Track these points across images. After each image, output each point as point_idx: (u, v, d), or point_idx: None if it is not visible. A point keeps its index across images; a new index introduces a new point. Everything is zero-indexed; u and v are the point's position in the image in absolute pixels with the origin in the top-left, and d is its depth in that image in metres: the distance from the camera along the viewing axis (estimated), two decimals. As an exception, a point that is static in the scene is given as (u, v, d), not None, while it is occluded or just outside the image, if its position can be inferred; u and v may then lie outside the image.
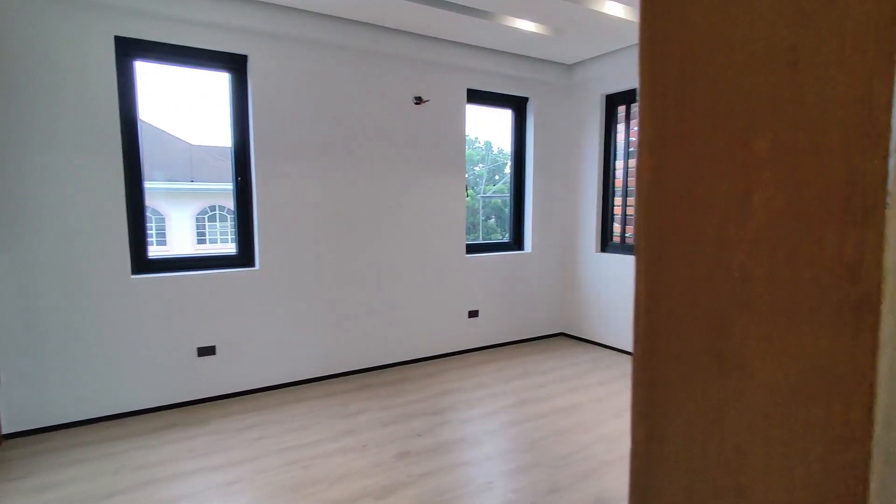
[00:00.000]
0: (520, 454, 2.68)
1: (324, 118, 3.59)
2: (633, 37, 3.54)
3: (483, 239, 5.30)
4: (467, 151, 4.33)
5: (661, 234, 0.57)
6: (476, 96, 4.36)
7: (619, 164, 4.57)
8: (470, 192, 5.29)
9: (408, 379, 3.81)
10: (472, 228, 5.46)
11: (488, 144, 6.14)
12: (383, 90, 3.81)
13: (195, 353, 3.29)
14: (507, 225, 4.93)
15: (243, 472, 2.50)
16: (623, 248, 4.52)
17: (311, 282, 3.64)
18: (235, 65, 3.34)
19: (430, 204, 4.14)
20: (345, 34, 3.52)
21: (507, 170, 5.72)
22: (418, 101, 3.94)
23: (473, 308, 4.46)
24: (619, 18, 3.15)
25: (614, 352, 4.51)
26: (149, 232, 3.27)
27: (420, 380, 3.79)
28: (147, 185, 3.23)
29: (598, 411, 3.22)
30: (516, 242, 4.85)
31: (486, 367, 4.08)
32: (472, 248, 4.54)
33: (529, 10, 3.09)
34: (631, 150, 4.49)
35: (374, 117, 3.79)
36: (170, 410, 3.23)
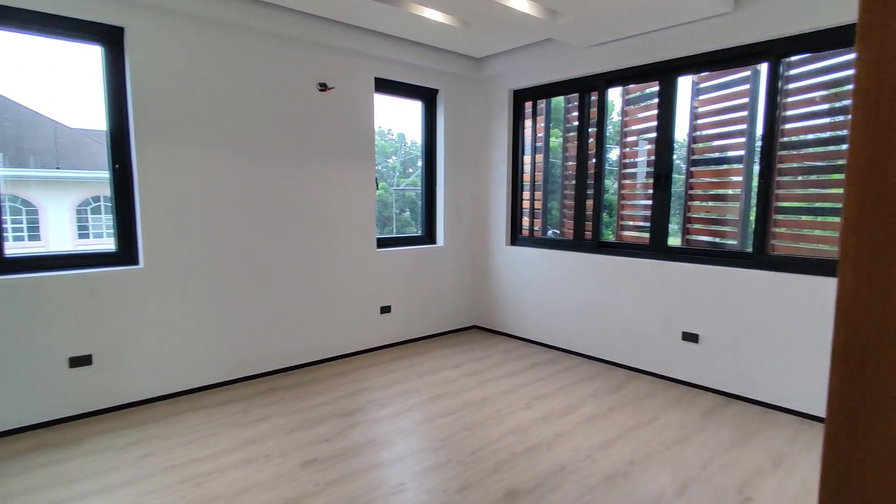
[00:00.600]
0: (431, 452, 2.63)
1: (218, 102, 3.30)
2: (539, 33, 3.59)
3: (397, 232, 5.19)
4: (381, 143, 4.20)
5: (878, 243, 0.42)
6: (385, 86, 4.23)
7: (527, 158, 4.66)
8: (382, 184, 5.16)
9: (317, 380, 3.63)
10: (386, 222, 5.33)
11: (401, 136, 6.02)
12: (285, 75, 3.58)
13: (66, 363, 2.90)
14: (420, 216, 4.86)
15: (125, 496, 2.23)
16: (532, 241, 4.62)
17: (206, 280, 3.35)
18: (110, 38, 2.96)
19: (339, 196, 3.96)
20: (240, 12, 3.24)
21: (420, 162, 5.65)
22: (323, 87, 3.75)
23: (386, 303, 4.35)
24: (524, 13, 3.16)
25: (524, 342, 4.61)
26: (10, 226, 2.83)
27: (330, 380, 3.63)
28: (4, 171, 2.79)
29: (508, 403, 3.26)
30: (429, 236, 4.80)
31: (399, 364, 4.00)
32: (383, 242, 4.42)
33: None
34: (538, 145, 4.59)
35: (275, 103, 3.55)
36: (37, 430, 2.83)
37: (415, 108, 4.67)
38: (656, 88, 3.70)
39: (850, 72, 2.87)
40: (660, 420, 3.02)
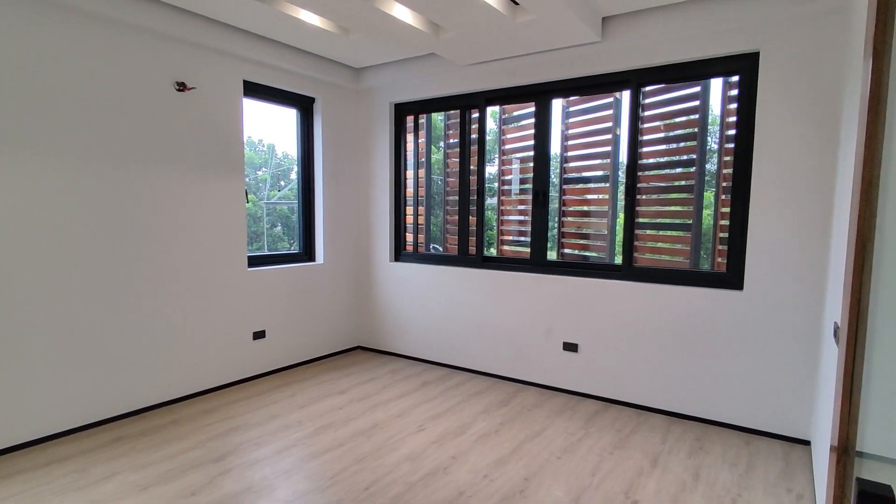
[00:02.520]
0: (320, 494, 2.38)
1: (49, 98, 2.74)
2: (422, 47, 3.55)
3: (269, 248, 4.79)
4: (249, 154, 3.83)
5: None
6: (256, 90, 3.89)
7: (410, 173, 4.59)
8: (251, 197, 4.73)
9: (178, 422, 3.15)
10: (256, 237, 4.90)
11: (271, 147, 5.63)
12: (136, 71, 3.10)
13: None
14: (297, 231, 4.53)
15: None
16: (416, 256, 4.54)
17: (32, 309, 2.74)
18: None
19: (204, 210, 3.52)
20: (75, -7, 2.74)
21: (293, 175, 5.30)
22: (181, 87, 3.32)
23: (259, 328, 3.96)
24: (406, 24, 3.10)
25: (412, 361, 4.50)
26: None
27: (194, 420, 3.17)
28: None
29: (400, 428, 3.11)
30: (307, 253, 4.49)
31: (278, 394, 3.65)
32: (256, 261, 4.03)
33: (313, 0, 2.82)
34: (421, 160, 4.55)
35: (126, 103, 3.05)
36: None
37: (289, 116, 4.37)
38: (533, 109, 3.86)
39: (694, 103, 3.23)
40: (548, 430, 3.09)
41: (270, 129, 4.56)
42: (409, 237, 4.63)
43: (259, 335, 3.96)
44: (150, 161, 3.21)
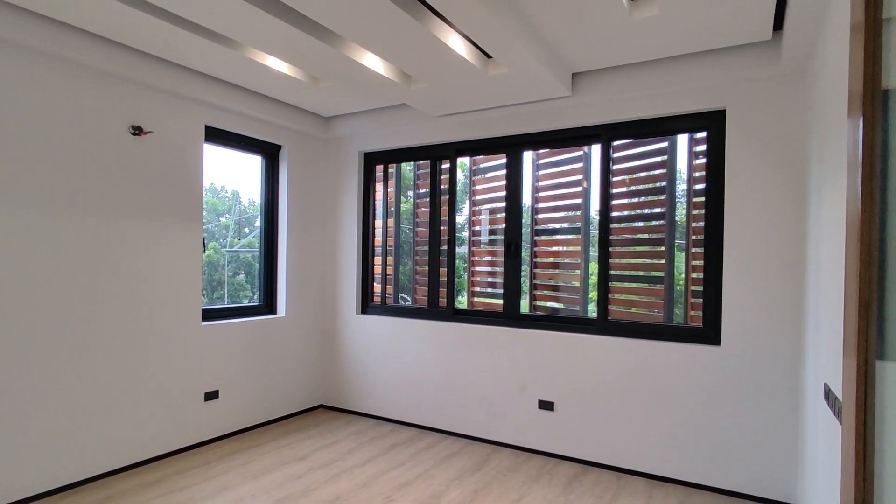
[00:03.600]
0: (273, 586, 2.09)
1: (-19, 141, 2.52)
2: (392, 97, 3.52)
3: (230, 297, 4.52)
4: (212, 200, 3.65)
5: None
6: (218, 136, 3.74)
7: (378, 223, 4.47)
8: (213, 244, 4.50)
9: (113, 498, 2.80)
10: (217, 286, 4.63)
11: (235, 194, 5.43)
12: (86, 112, 2.92)
13: None
14: (258, 283, 4.30)
15: None
16: (384, 309, 4.36)
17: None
18: None
19: (157, 261, 3.28)
20: (29, 32, 2.57)
21: (258, 222, 5.10)
22: (137, 131, 3.14)
23: (212, 388, 3.65)
24: (378, 74, 3.05)
25: (379, 421, 4.23)
26: None
27: (132, 495, 2.82)
28: None
29: (366, 499, 2.84)
30: (268, 305, 4.25)
31: (230, 462, 3.32)
32: (212, 314, 3.77)
33: (280, 47, 2.74)
34: (390, 209, 4.45)
35: (74, 145, 2.85)
36: None
37: (254, 162, 4.22)
38: (503, 160, 3.84)
39: (662, 157, 3.27)
40: (527, 498, 2.88)
41: (235, 175, 4.39)
42: (378, 288, 4.46)
43: (211, 396, 3.65)
44: (101, 207, 2.98)
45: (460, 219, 4.12)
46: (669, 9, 2.39)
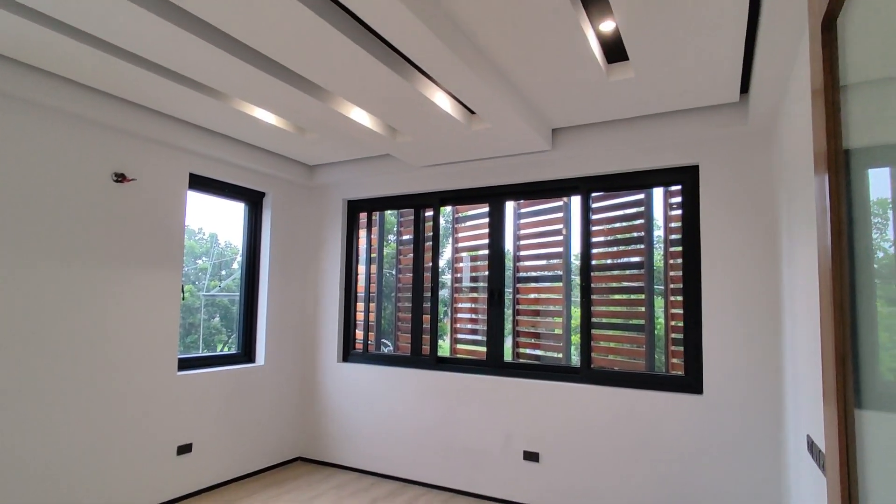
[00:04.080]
0: None
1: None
2: (378, 149, 3.60)
3: (205, 343, 4.42)
4: (189, 243, 3.61)
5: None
6: (202, 183, 3.76)
7: (361, 269, 4.48)
8: (189, 287, 4.43)
9: (75, 566, 2.62)
10: (192, 329, 4.53)
11: (213, 237, 5.39)
12: (69, 159, 2.91)
13: None
14: (237, 331, 4.22)
15: None
16: (366, 357, 4.30)
17: None
18: None
19: (134, 308, 3.21)
20: (12, 81, 2.59)
21: (235, 265, 5.08)
22: (120, 178, 3.13)
23: (185, 441, 3.51)
24: (365, 128, 3.14)
25: (359, 474, 4.10)
26: None
27: (96, 563, 2.65)
28: None
29: (347, 561, 2.72)
30: (246, 353, 4.15)
31: (202, 523, 3.16)
32: (188, 363, 3.67)
33: (269, 101, 2.81)
34: (373, 255, 4.47)
35: (56, 191, 2.83)
36: None
37: (234, 206, 4.22)
38: (486, 209, 3.93)
39: (640, 208, 3.38)
40: (512, 557, 2.79)
41: (213, 217, 4.38)
42: (360, 335, 4.42)
43: (184, 449, 3.50)
44: (78, 255, 2.93)
45: (442, 263, 4.16)
46: (643, 73, 2.54)
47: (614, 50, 2.50)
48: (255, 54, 2.42)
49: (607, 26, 2.31)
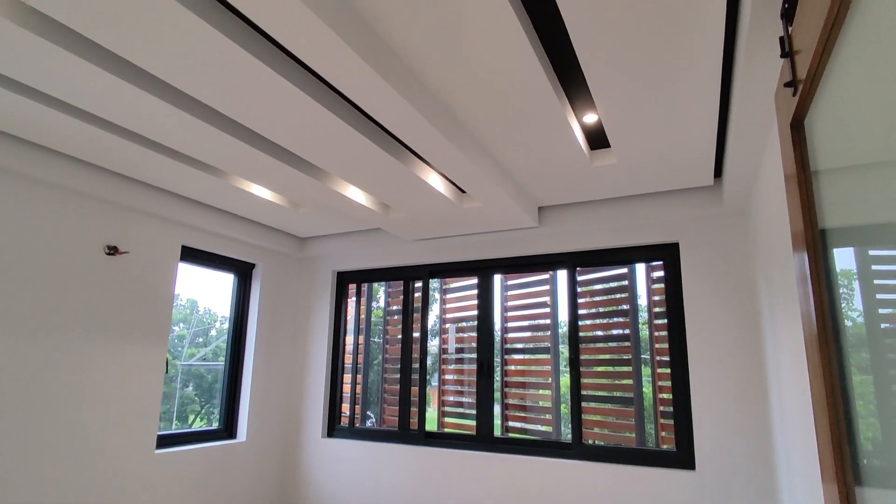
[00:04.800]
0: None
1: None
2: (369, 223, 3.70)
3: (178, 412, 4.24)
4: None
5: None
6: (194, 255, 3.77)
7: (349, 339, 4.45)
8: (167, 357, 4.31)
9: None
10: (164, 398, 4.35)
11: (193, 303, 5.31)
12: (61, 231, 2.91)
13: None
14: (219, 405, 4.08)
15: None
16: (353, 431, 4.18)
17: None
18: None
19: (115, 382, 3.11)
20: (5, 154, 2.63)
21: (214, 332, 4.99)
22: (112, 251, 3.14)
23: (160, 528, 3.30)
24: (360, 205, 3.25)
25: (340, 560, 3.86)
26: None
27: None
28: None
29: None
30: (227, 429, 4.00)
31: None
32: (167, 441, 3.52)
33: (266, 178, 2.91)
34: (361, 325, 4.46)
35: (46, 264, 2.80)
36: None
37: (217, 275, 4.18)
38: (475, 280, 4.00)
39: (624, 282, 3.50)
40: None
41: (193, 284, 4.31)
42: (346, 408, 4.31)
43: (158, 537, 3.29)
44: (63, 327, 2.88)
45: (429, 325, 4.16)
46: (624, 159, 2.73)
47: (597, 137, 2.70)
48: (252, 134, 2.51)
49: (590, 118, 2.51)
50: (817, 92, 0.96)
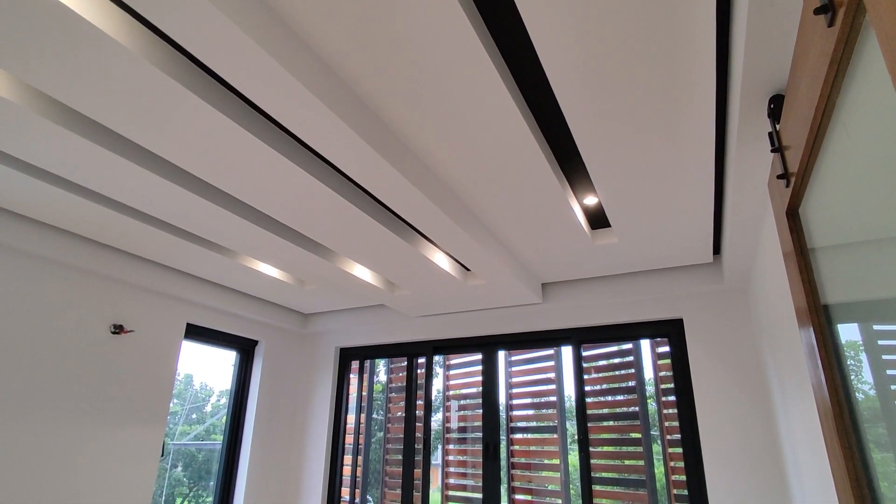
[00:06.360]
0: None
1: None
2: (374, 300, 3.74)
3: (165, 497, 4.04)
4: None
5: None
6: (198, 332, 3.77)
7: (351, 417, 4.34)
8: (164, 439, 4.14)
9: None
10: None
11: (189, 378, 5.18)
12: (68, 310, 2.92)
13: None
14: (215, 489, 3.90)
15: None
16: (351, 519, 3.98)
17: None
18: None
19: (107, 465, 2.99)
20: (10, 232, 2.66)
21: (209, 408, 4.86)
22: (118, 330, 3.14)
23: None
24: (366, 283, 3.30)
25: None
26: None
27: None
28: None
29: None
30: (221, 518, 3.80)
31: None
32: (157, 534, 3.32)
33: (274, 257, 2.98)
34: (363, 403, 4.36)
35: (48, 343, 2.79)
36: None
37: (214, 350, 4.12)
38: (479, 356, 3.98)
39: (629, 358, 3.49)
40: None
41: (190, 358, 4.22)
42: (346, 492, 4.12)
43: None
44: (61, 408, 2.81)
45: (436, 417, 4.07)
46: (625, 238, 2.83)
47: (598, 217, 2.82)
48: (259, 215, 2.59)
49: (591, 201, 2.64)
50: (809, 183, 1.05)
